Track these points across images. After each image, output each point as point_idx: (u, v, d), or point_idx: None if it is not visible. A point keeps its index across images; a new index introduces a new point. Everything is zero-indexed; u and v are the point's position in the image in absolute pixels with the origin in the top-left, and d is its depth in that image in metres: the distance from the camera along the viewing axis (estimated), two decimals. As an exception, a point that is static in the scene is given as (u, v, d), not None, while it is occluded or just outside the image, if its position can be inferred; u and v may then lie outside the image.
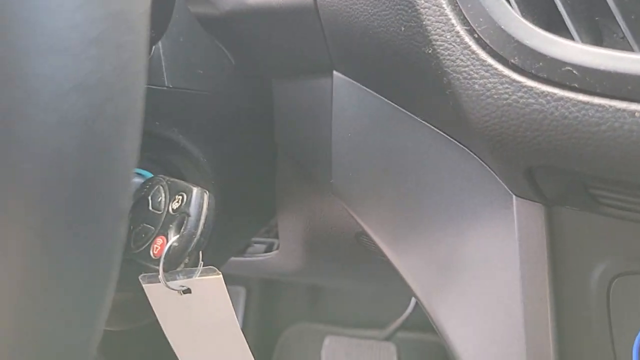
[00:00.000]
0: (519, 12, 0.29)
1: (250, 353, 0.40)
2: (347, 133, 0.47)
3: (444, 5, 0.30)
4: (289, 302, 1.22)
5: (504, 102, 0.28)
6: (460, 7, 0.30)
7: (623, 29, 0.28)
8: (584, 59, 0.26)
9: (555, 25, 0.30)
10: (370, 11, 0.36)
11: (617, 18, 0.28)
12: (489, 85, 0.28)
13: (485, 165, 0.36)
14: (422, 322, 1.17)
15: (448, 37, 0.30)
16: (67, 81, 0.16)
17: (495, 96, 0.28)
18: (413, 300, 1.13)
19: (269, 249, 0.72)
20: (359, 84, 0.45)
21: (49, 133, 0.16)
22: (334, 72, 0.48)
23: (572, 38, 0.28)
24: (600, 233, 0.34)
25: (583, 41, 0.28)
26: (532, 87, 0.27)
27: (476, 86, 0.29)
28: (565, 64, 0.27)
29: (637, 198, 0.29)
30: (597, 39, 0.30)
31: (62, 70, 0.16)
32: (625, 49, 0.29)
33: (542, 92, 0.27)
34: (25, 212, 0.16)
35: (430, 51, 0.31)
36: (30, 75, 0.16)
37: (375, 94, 0.44)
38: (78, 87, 0.16)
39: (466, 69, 0.29)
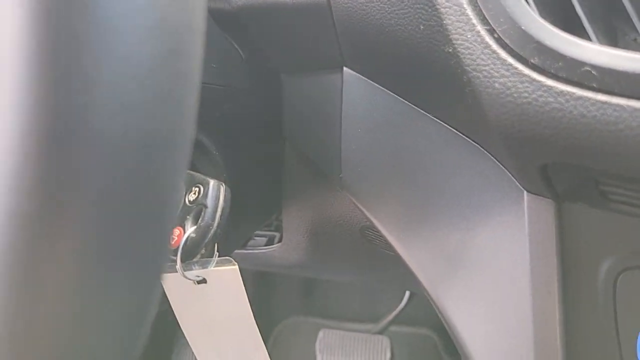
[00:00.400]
0: (538, 13, 0.30)
1: (262, 343, 0.41)
2: (357, 129, 0.48)
3: (465, 5, 0.31)
4: (283, 296, 1.22)
5: (524, 100, 0.29)
6: (481, 7, 0.31)
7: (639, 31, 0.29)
8: (603, 60, 0.27)
9: (571, 26, 0.31)
10: (387, 9, 0.37)
11: (633, 20, 0.29)
12: (509, 84, 0.29)
13: (497, 161, 0.37)
14: (415, 315, 1.18)
15: (469, 36, 0.31)
16: (130, 138, 0.17)
17: (515, 95, 0.29)
18: (407, 294, 1.15)
19: (270, 242, 0.73)
20: (370, 81, 0.46)
21: (108, 183, 0.17)
22: (345, 69, 0.48)
23: (588, 39, 0.29)
24: (608, 229, 0.35)
25: (600, 42, 0.29)
26: (551, 87, 0.28)
27: (496, 85, 0.30)
28: (584, 64, 0.28)
29: (647, 195, 0.30)
30: (612, 40, 0.31)
31: (127, 127, 0.17)
32: (638, 50, 0.30)
33: (562, 91, 0.28)
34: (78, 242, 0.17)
35: (450, 50, 0.32)
36: (94, 130, 0.16)
37: (387, 91, 0.45)
38: (141, 144, 0.17)
39: (486, 67, 0.30)
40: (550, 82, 0.28)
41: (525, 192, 0.36)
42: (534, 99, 0.29)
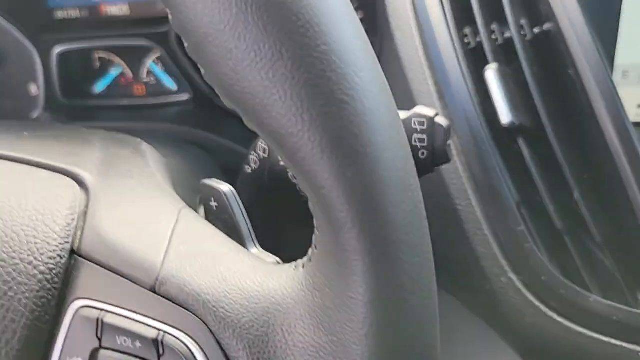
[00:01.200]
0: (548, 260, 0.41)
1: None
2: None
3: (497, 253, 0.41)
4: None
5: (549, 336, 0.40)
6: (508, 255, 0.41)
7: (609, 265, 0.41)
8: (603, 311, 0.39)
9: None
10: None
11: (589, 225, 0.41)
12: (536, 321, 0.40)
13: (501, 340, 0.48)
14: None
15: (503, 280, 0.41)
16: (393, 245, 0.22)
17: (542, 330, 0.40)
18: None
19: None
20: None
21: None
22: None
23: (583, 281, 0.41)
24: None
25: (593, 288, 0.40)
26: (569, 327, 0.39)
27: (527, 320, 0.40)
28: (590, 312, 0.39)
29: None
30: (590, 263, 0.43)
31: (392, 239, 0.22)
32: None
33: (576, 331, 0.39)
34: None
35: (488, 287, 0.42)
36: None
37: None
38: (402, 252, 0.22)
39: (519, 307, 0.40)
40: (567, 324, 0.39)
41: (521, 362, 0.47)
42: (556, 335, 0.40)
